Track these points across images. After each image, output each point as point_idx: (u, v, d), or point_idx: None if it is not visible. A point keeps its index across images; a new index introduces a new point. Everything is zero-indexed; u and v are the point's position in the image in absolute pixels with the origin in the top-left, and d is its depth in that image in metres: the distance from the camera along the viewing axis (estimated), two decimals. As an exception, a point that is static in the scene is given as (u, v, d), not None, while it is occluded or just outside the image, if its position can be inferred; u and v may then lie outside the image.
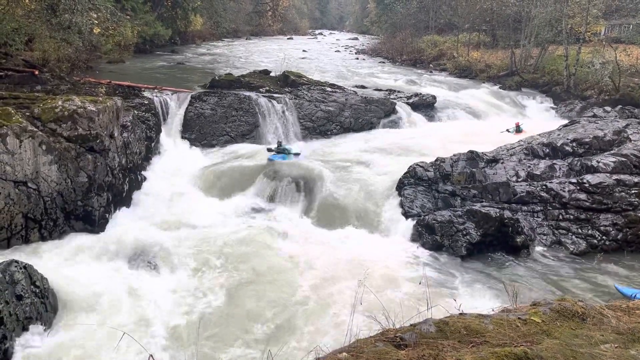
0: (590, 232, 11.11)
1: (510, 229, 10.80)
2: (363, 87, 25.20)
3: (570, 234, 11.18)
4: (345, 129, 19.74)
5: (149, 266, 9.57)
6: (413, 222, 11.61)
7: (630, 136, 13.79)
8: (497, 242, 10.82)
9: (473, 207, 11.23)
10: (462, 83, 31.51)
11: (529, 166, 12.87)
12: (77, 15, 18.32)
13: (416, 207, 12.21)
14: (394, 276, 9.46)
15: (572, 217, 11.37)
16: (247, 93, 19.12)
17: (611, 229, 11.05)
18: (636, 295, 8.40)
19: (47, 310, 7.71)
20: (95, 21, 21.10)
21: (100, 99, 11.90)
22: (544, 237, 11.23)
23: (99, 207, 10.93)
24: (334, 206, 12.52)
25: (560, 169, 12.55)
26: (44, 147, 10.07)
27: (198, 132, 17.11)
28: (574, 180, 11.90)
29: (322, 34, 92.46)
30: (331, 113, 19.79)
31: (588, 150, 13.25)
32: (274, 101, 18.96)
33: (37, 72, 16.42)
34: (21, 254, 9.08)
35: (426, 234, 11.10)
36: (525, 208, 11.77)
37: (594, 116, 19.64)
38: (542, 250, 10.96)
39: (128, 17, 28.72)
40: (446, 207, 11.96)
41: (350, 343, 3.75)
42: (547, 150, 13.50)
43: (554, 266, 10.30)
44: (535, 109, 25.80)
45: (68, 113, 10.67)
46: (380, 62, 43.42)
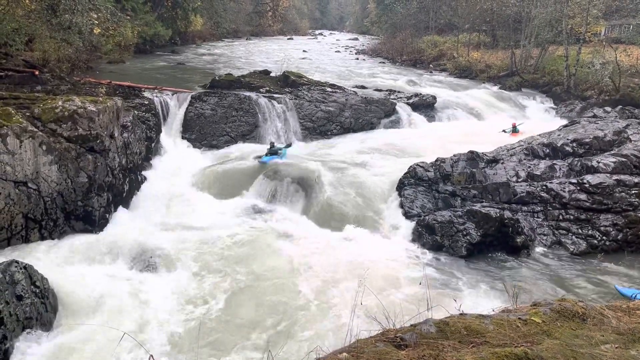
0: (590, 233, 11.11)
1: (510, 229, 10.79)
2: (363, 88, 25.19)
3: (570, 234, 11.18)
4: (345, 129, 19.75)
5: (149, 267, 9.56)
6: (413, 223, 11.61)
7: (630, 136, 13.79)
8: (498, 243, 10.82)
9: (473, 208, 11.22)
10: (462, 83, 31.53)
11: (529, 166, 12.87)
12: (78, 15, 18.33)
13: (416, 208, 12.21)
14: (395, 276, 9.45)
15: (572, 218, 11.37)
16: (248, 93, 19.13)
17: (611, 230, 11.05)
18: (636, 295, 8.40)
19: (47, 310, 7.71)
20: (95, 21, 21.10)
21: (100, 99, 11.90)
22: (544, 238, 11.23)
23: (99, 208, 10.93)
24: (334, 206, 12.51)
25: (560, 169, 12.56)
26: (44, 148, 10.07)
27: (198, 133, 17.11)
28: (574, 180, 11.90)
29: (322, 35, 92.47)
30: (331, 113, 19.79)
31: (588, 150, 13.25)
32: (274, 101, 18.97)
33: (38, 73, 16.43)
34: (21, 254, 9.06)
35: (426, 234, 11.10)
36: (525, 208, 11.77)
37: (594, 116, 19.64)
38: (543, 250, 10.96)
39: (128, 18, 28.71)
40: (446, 208, 11.96)
41: (350, 343, 3.75)
42: (548, 150, 13.50)
43: (554, 266, 10.30)
44: (535, 110, 25.83)
45: (68, 113, 10.68)
46: (380, 63, 43.42)
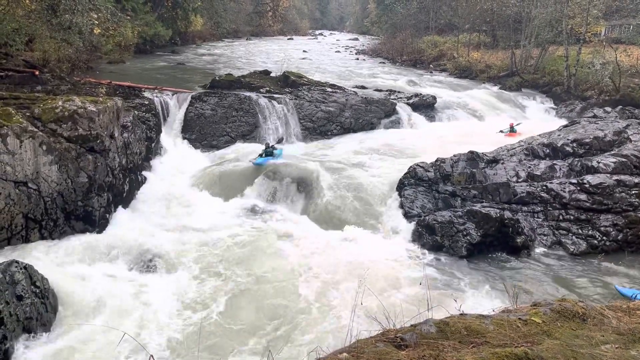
0: (590, 233, 11.10)
1: (510, 230, 10.79)
2: (363, 88, 25.19)
3: (570, 235, 11.17)
4: (345, 130, 19.75)
5: (149, 268, 9.57)
6: (413, 223, 11.60)
7: (630, 137, 13.79)
8: (498, 243, 10.82)
9: (473, 208, 11.22)
10: (463, 83, 31.53)
11: (529, 166, 12.86)
12: (78, 15, 18.34)
13: (416, 208, 12.21)
14: (395, 277, 9.45)
15: (573, 218, 11.37)
16: (248, 93, 19.14)
17: (611, 230, 11.05)
18: (636, 295, 8.40)
19: (48, 310, 7.71)
20: (95, 22, 21.11)
21: (100, 100, 11.90)
22: (544, 238, 11.23)
23: (99, 208, 10.93)
24: (334, 207, 12.52)
25: (560, 170, 12.55)
26: (45, 148, 10.07)
27: (198, 133, 17.11)
28: (574, 180, 11.90)
29: (323, 35, 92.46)
30: (331, 113, 19.79)
31: (588, 150, 13.25)
32: (274, 102, 18.97)
33: (38, 73, 16.43)
34: (21, 254, 9.07)
35: (426, 235, 11.09)
36: (525, 208, 11.76)
37: (594, 117, 19.65)
38: (543, 250, 10.96)
39: (128, 18, 28.73)
40: (446, 208, 11.95)
41: (350, 343, 3.74)
42: (548, 150, 13.50)
43: (555, 267, 10.30)
44: (535, 110, 25.84)
45: (68, 113, 10.68)
46: (380, 63, 43.43)
